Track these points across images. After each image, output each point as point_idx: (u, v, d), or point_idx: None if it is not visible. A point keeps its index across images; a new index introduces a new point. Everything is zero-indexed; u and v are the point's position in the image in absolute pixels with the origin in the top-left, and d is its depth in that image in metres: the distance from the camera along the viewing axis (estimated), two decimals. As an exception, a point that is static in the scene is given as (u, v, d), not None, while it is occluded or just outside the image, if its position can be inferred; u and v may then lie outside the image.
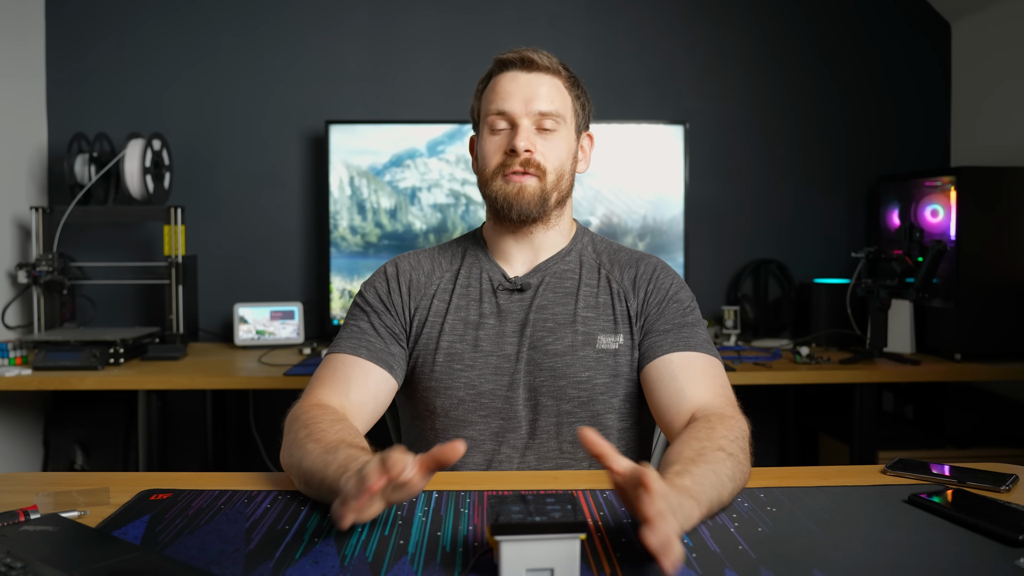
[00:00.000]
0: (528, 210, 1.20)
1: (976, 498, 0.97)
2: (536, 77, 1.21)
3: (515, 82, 1.20)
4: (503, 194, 1.20)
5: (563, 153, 1.22)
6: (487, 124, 1.22)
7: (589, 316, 1.23)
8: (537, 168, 1.20)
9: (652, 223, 2.60)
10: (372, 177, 2.57)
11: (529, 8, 2.75)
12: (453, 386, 1.20)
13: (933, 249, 2.20)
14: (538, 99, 1.19)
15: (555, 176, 1.21)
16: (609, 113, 2.68)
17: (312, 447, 0.99)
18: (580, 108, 1.26)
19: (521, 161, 1.19)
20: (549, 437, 1.20)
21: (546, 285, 1.25)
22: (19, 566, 0.76)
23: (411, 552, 0.84)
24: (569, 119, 1.24)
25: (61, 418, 2.57)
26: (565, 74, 1.24)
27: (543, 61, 1.21)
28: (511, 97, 1.20)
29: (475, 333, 1.22)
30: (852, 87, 2.81)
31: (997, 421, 2.35)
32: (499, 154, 1.21)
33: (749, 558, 0.82)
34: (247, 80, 2.72)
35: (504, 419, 1.20)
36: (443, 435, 1.22)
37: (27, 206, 2.54)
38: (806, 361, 2.26)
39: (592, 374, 1.20)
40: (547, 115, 1.20)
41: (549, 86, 1.21)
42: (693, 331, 1.20)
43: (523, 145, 1.18)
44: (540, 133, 1.20)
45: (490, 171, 1.22)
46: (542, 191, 1.20)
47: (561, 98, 1.22)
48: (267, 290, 2.71)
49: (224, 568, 0.80)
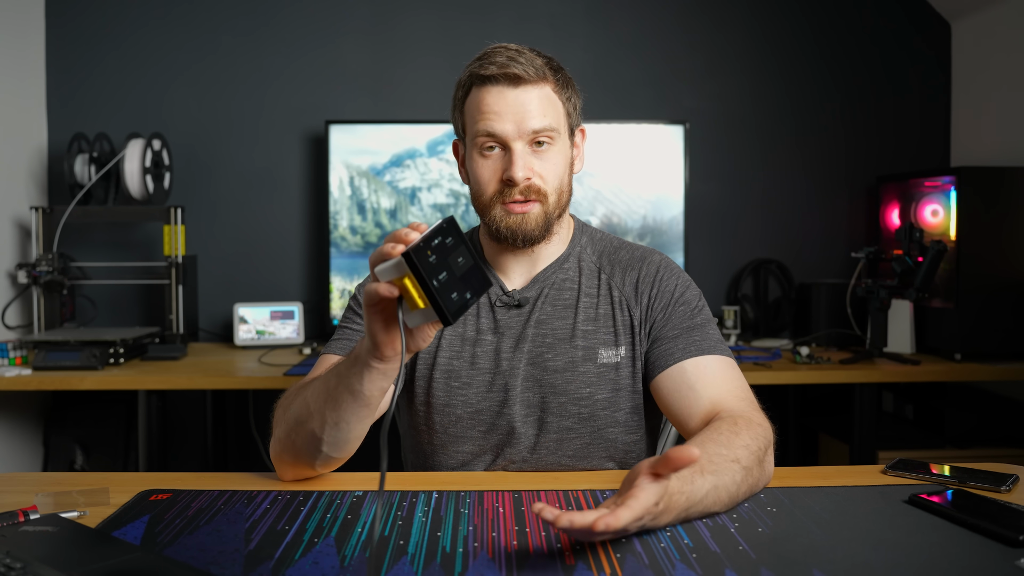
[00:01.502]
0: (532, 236, 1.15)
1: (976, 498, 0.97)
2: (524, 92, 1.11)
3: (502, 100, 1.10)
4: (505, 225, 1.14)
5: (561, 168, 1.15)
6: (476, 145, 1.13)
7: (589, 330, 1.19)
8: (538, 193, 1.13)
9: (652, 223, 2.59)
10: (372, 177, 2.57)
11: (529, 8, 2.75)
12: (451, 403, 1.19)
13: (933, 249, 2.20)
14: (529, 117, 1.10)
15: (556, 195, 1.15)
16: (609, 113, 2.68)
17: (307, 388, 1.04)
18: (572, 109, 1.18)
19: (521, 190, 1.12)
20: (549, 452, 1.18)
21: (544, 298, 1.20)
22: (19, 566, 0.76)
23: (411, 552, 0.84)
24: (563, 127, 1.15)
25: (61, 418, 2.57)
26: (553, 77, 1.14)
27: (530, 73, 1.10)
28: (500, 118, 1.10)
29: (472, 350, 1.19)
30: (852, 87, 2.81)
31: (997, 421, 2.35)
32: (495, 182, 1.13)
33: (749, 558, 0.82)
34: (247, 80, 2.72)
35: (502, 434, 1.18)
36: (441, 451, 1.21)
37: (27, 206, 2.54)
38: (806, 361, 2.26)
39: (593, 390, 1.17)
40: (541, 132, 1.11)
41: (539, 99, 1.11)
42: (704, 332, 1.15)
43: (521, 175, 1.11)
44: (535, 151, 1.13)
45: (487, 198, 1.15)
46: (545, 215, 1.14)
47: (553, 109, 1.13)
48: (267, 290, 2.71)
49: (224, 568, 0.80)
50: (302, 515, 0.95)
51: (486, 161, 1.14)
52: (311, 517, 0.94)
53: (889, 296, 2.28)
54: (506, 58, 1.11)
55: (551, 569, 0.80)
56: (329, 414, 0.99)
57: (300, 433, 1.03)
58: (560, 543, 0.86)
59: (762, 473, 1.00)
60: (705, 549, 0.85)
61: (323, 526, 0.92)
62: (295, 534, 0.89)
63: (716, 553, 0.83)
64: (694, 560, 0.82)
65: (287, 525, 0.92)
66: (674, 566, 0.80)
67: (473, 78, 1.14)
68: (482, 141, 1.13)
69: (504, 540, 0.87)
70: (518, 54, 1.11)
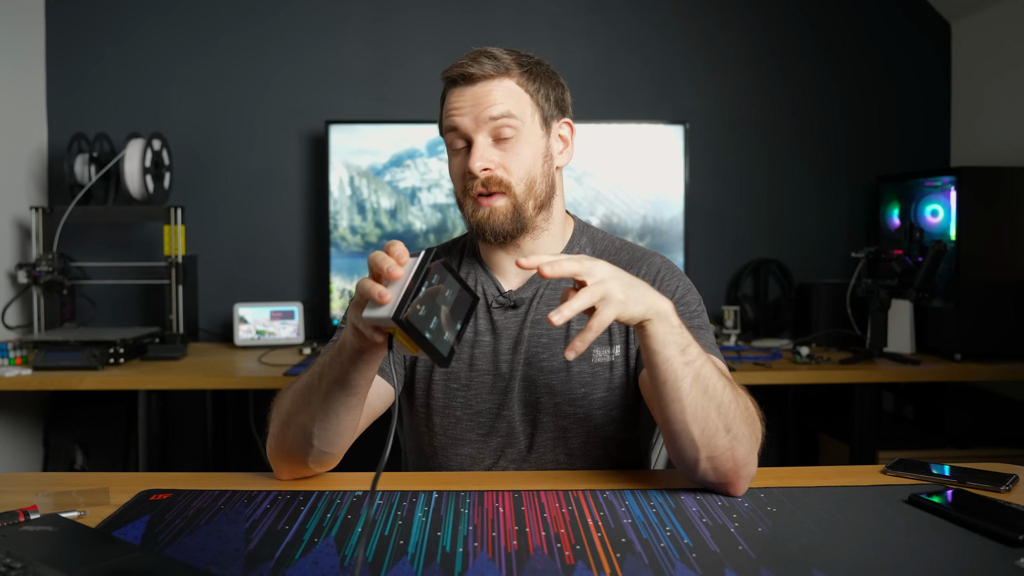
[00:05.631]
0: (502, 230, 1.15)
1: (976, 498, 0.97)
2: (481, 87, 1.13)
3: (461, 97, 1.14)
4: (475, 220, 1.15)
5: (528, 159, 1.14)
6: (447, 145, 1.18)
7: (582, 328, 1.20)
8: (500, 184, 1.13)
9: (652, 223, 2.59)
10: (372, 177, 2.57)
11: (529, 8, 2.75)
12: (451, 406, 1.20)
13: (933, 249, 2.20)
14: (485, 107, 1.12)
15: (524, 186, 1.14)
16: (609, 113, 2.68)
17: (296, 382, 1.06)
18: (544, 99, 1.17)
19: (482, 182, 1.13)
20: (546, 451, 1.18)
21: (540, 298, 1.20)
22: (19, 566, 0.76)
23: (411, 552, 0.84)
24: (529, 117, 1.14)
25: (61, 418, 2.57)
26: (519, 71, 1.14)
27: (485, 69, 1.12)
28: (459, 112, 1.13)
29: (471, 351, 1.20)
30: (852, 87, 2.81)
31: (997, 421, 2.35)
32: (461, 177, 1.15)
33: (749, 558, 0.82)
34: (247, 80, 2.72)
35: (502, 436, 1.19)
36: (441, 452, 1.21)
37: (27, 206, 2.54)
38: (806, 361, 2.26)
39: (588, 390, 1.17)
40: (500, 119, 1.12)
41: (499, 90, 1.13)
42: (700, 334, 1.13)
43: (478, 165, 1.11)
44: (499, 144, 1.13)
45: (459, 194, 1.17)
46: (513, 207, 1.14)
47: (514, 98, 1.13)
48: (267, 290, 2.71)
49: (224, 568, 0.80)
50: (302, 515, 0.95)
51: (455, 159, 1.17)
52: (311, 517, 0.94)
53: (889, 296, 2.28)
54: (468, 59, 1.14)
55: (551, 569, 0.80)
56: (318, 406, 1.00)
57: (291, 428, 1.04)
58: (560, 543, 0.86)
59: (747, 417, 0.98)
60: (705, 549, 0.85)
61: (323, 526, 0.92)
62: (295, 534, 0.89)
63: (716, 553, 0.83)
64: (694, 560, 0.82)
65: (287, 525, 0.92)
66: (674, 566, 0.81)
67: (444, 84, 1.19)
68: (449, 139, 1.17)
69: (504, 540, 0.87)
70: (480, 54, 1.14)
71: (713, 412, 0.95)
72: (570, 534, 0.89)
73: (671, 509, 0.97)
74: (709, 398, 0.95)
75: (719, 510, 0.96)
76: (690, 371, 0.94)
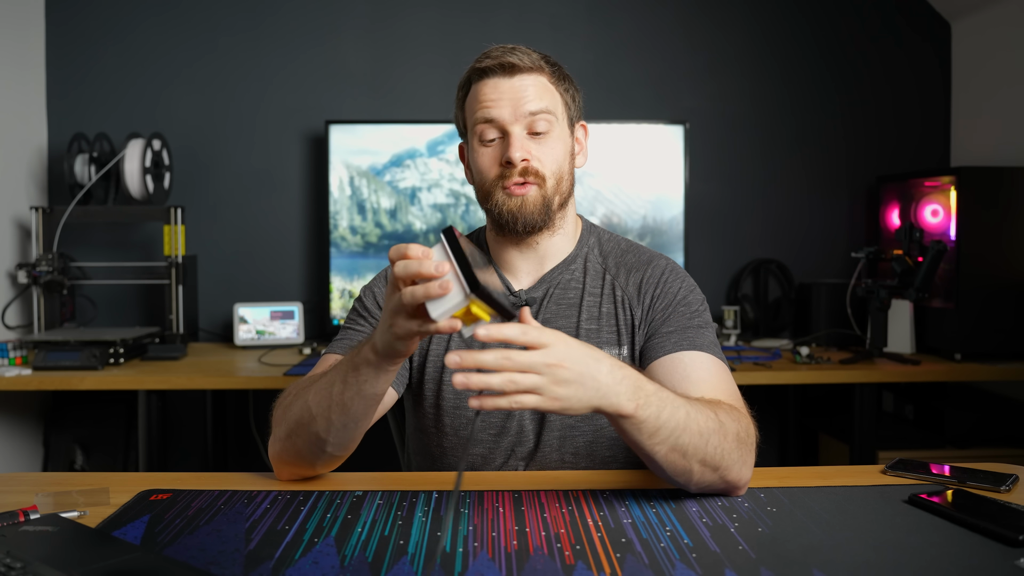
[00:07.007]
0: (533, 221, 1.16)
1: (976, 498, 0.97)
2: (520, 79, 1.14)
3: (499, 88, 1.14)
4: (507, 209, 1.15)
5: (560, 154, 1.17)
6: (476, 135, 1.17)
7: (591, 328, 1.19)
8: (536, 175, 1.14)
9: (652, 223, 2.59)
10: (372, 177, 2.57)
11: (529, 8, 2.75)
12: (461, 406, 1.20)
13: (933, 249, 2.20)
14: (526, 100, 1.14)
15: (555, 180, 1.16)
16: (609, 113, 2.68)
17: (308, 391, 1.03)
18: (571, 100, 1.20)
19: (520, 171, 1.14)
20: (552, 450, 1.19)
21: (550, 298, 1.21)
22: (19, 566, 0.76)
23: (411, 552, 0.84)
24: (561, 115, 1.18)
25: (61, 418, 2.57)
26: (549, 69, 1.18)
27: (524, 62, 1.14)
28: (497, 104, 1.14)
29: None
30: (852, 87, 2.81)
31: (997, 421, 2.34)
32: (495, 167, 1.16)
33: (749, 558, 0.82)
34: (247, 80, 2.71)
35: (513, 435, 1.19)
36: (451, 453, 1.21)
37: (27, 206, 2.54)
38: (806, 361, 2.26)
39: None
40: (538, 114, 1.14)
41: (535, 85, 1.15)
42: (700, 332, 1.15)
43: (519, 155, 1.12)
44: (533, 138, 1.15)
45: (488, 185, 1.17)
46: (544, 199, 1.15)
47: (549, 94, 1.16)
48: (267, 290, 2.71)
49: (224, 568, 0.80)
50: (302, 515, 0.95)
51: (486, 150, 1.17)
52: (311, 517, 0.94)
53: (889, 296, 2.28)
54: (501, 51, 1.15)
55: (551, 569, 0.80)
56: (336, 417, 0.99)
57: (302, 435, 1.03)
58: (560, 543, 0.87)
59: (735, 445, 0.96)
60: (705, 549, 0.85)
61: (323, 526, 0.92)
62: (295, 534, 0.89)
63: (716, 553, 0.83)
64: (694, 560, 0.82)
65: (287, 525, 0.92)
66: (674, 566, 0.81)
67: (472, 74, 1.18)
68: (481, 129, 1.16)
69: (504, 540, 0.87)
70: (513, 48, 1.16)
71: (696, 464, 0.95)
72: (570, 534, 0.89)
73: (671, 509, 0.97)
74: (689, 457, 0.93)
75: (719, 510, 0.96)
76: (663, 447, 0.92)
